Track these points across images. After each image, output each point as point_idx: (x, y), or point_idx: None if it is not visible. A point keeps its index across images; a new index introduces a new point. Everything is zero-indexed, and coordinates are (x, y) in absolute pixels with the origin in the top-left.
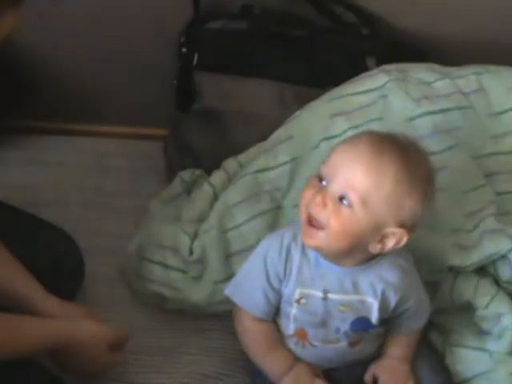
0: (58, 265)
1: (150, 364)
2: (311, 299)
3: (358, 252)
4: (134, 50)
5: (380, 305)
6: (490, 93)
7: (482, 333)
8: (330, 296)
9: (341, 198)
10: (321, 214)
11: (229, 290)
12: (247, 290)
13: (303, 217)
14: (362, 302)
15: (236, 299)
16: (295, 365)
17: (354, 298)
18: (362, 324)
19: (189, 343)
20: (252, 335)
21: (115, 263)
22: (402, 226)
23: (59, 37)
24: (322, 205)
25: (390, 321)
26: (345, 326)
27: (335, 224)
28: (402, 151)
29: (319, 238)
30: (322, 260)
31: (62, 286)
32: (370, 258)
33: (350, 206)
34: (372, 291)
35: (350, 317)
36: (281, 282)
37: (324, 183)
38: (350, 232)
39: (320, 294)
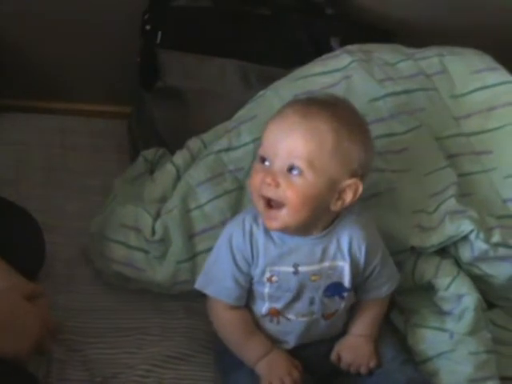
0: (18, 244)
1: (114, 345)
2: (282, 275)
3: (321, 215)
4: (96, 27)
5: (351, 265)
6: (453, 75)
7: (442, 313)
8: (301, 269)
9: (289, 170)
10: (276, 193)
11: (199, 283)
12: (217, 280)
13: (260, 203)
14: (333, 268)
15: (208, 290)
16: (272, 351)
17: (324, 265)
18: (335, 289)
19: (151, 324)
20: (228, 324)
21: (77, 243)
22: (353, 175)
23: (20, 13)
24: (274, 184)
25: (360, 286)
26: (318, 295)
27: (293, 195)
28: (329, 106)
29: (283, 217)
30: (287, 237)
31: (22, 265)
32: (333, 219)
33: (300, 174)
34: (340, 254)
35: (323, 284)
36: (249, 265)
37: (267, 163)
38: (309, 198)
39: (291, 269)
